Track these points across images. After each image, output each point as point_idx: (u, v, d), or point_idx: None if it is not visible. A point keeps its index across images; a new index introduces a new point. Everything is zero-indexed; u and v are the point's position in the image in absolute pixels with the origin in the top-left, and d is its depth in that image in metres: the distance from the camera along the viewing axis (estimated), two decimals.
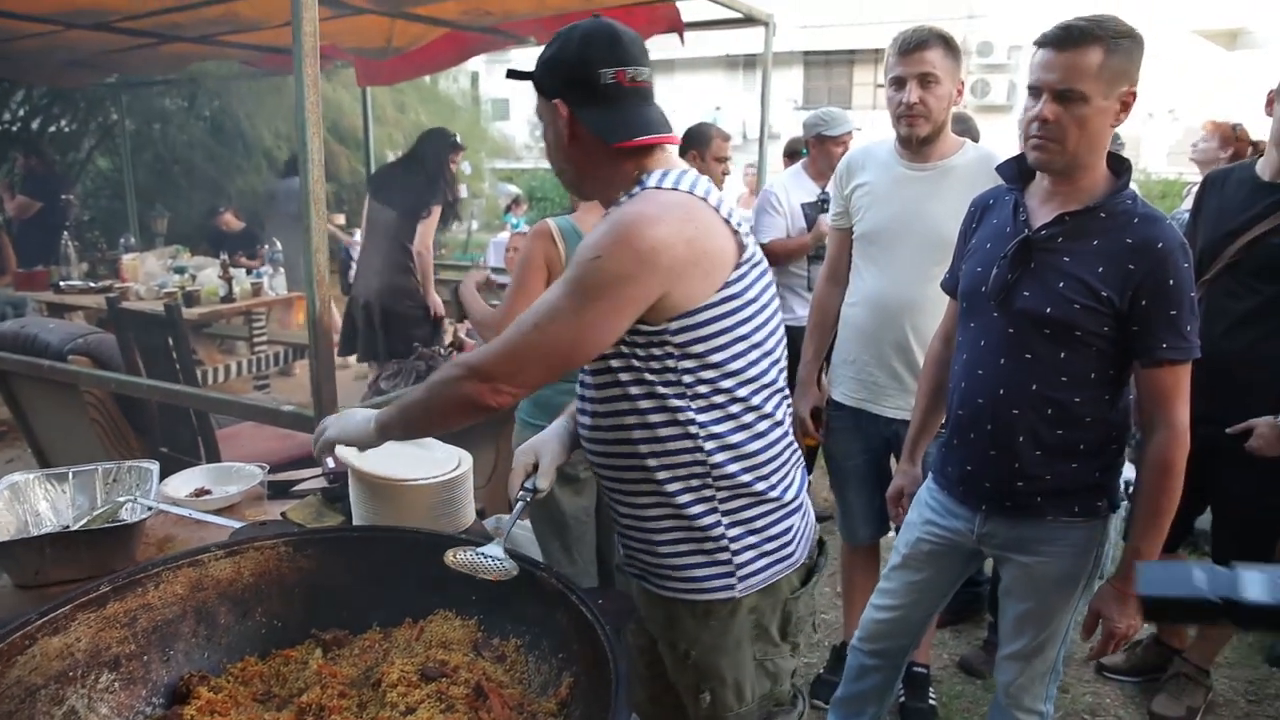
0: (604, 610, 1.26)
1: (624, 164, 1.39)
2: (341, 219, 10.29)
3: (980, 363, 1.78)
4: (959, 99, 2.22)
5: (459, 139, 4.51)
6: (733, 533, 1.41)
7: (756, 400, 1.39)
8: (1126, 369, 1.72)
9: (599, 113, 1.37)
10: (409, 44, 4.97)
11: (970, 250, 1.87)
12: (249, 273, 5.56)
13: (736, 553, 1.42)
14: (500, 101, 19.36)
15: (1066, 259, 1.66)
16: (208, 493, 1.98)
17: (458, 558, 1.38)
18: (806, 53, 18.41)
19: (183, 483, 2.00)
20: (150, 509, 1.68)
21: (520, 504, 1.48)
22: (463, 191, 9.94)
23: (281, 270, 5.79)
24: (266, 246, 6.01)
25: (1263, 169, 2.41)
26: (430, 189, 4.27)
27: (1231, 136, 4.14)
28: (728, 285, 1.33)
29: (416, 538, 1.54)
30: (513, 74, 1.47)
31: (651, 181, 1.36)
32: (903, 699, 2.72)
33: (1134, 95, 1.60)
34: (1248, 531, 2.57)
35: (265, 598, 1.47)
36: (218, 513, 1.87)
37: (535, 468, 1.51)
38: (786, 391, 1.49)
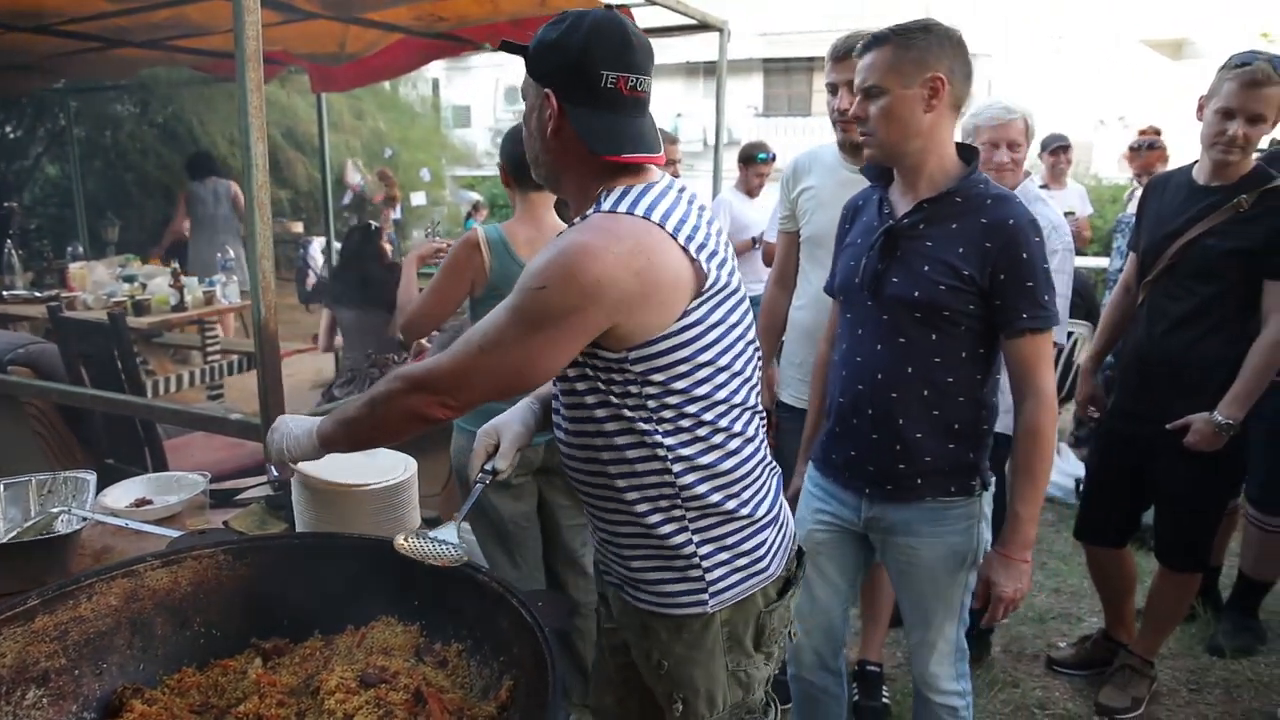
0: (543, 612, 1.26)
1: (600, 175, 1.34)
2: (299, 226, 10.20)
3: (858, 350, 1.84)
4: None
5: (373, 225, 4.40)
6: (704, 550, 1.40)
7: (724, 422, 1.37)
8: (994, 347, 1.80)
9: (591, 116, 1.30)
10: (363, 50, 4.93)
11: (844, 249, 1.96)
12: (201, 281, 5.47)
13: (708, 569, 1.40)
14: (461, 109, 19.30)
15: (929, 244, 1.75)
16: (149, 503, 1.94)
17: (408, 543, 1.36)
18: (766, 60, 18.57)
19: (123, 493, 1.96)
20: (85, 520, 1.64)
21: (479, 485, 1.47)
22: (421, 199, 9.92)
23: (235, 278, 5.71)
24: (220, 255, 5.91)
25: (1198, 173, 2.48)
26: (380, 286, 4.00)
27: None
28: (687, 314, 1.28)
29: (360, 543, 1.52)
30: (506, 46, 1.38)
31: (607, 203, 1.29)
32: (856, 698, 2.75)
33: (941, 80, 1.69)
34: (1188, 527, 2.64)
35: (204, 607, 1.44)
36: (159, 523, 1.84)
37: (496, 449, 1.51)
38: (760, 409, 1.48)
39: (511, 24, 4.43)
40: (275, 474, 1.86)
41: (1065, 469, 4.59)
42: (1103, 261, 6.17)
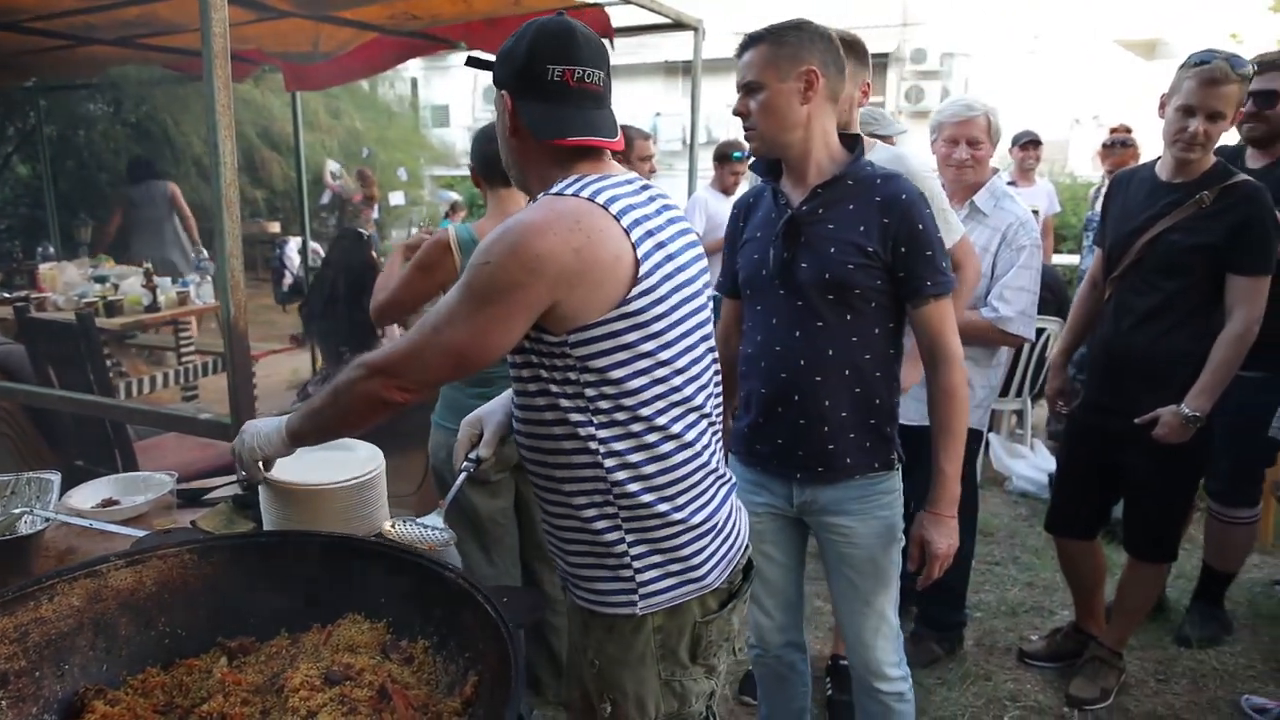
0: (508, 609, 1.26)
1: (558, 164, 1.39)
2: (276, 226, 10.13)
3: (776, 340, 1.88)
4: (864, 100, 2.26)
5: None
6: (636, 550, 1.40)
7: (662, 420, 1.37)
8: (901, 321, 1.89)
9: (539, 107, 1.36)
10: (337, 48, 4.90)
11: (742, 244, 2.01)
12: (175, 281, 5.42)
13: (639, 570, 1.41)
14: (440, 108, 19.18)
15: (831, 226, 1.82)
16: (115, 503, 1.92)
17: (395, 529, 1.40)
18: None
19: (89, 494, 1.94)
20: (48, 520, 1.63)
21: (464, 473, 1.50)
22: (400, 198, 9.87)
23: (209, 279, 5.66)
24: (194, 255, 5.87)
25: (1161, 170, 2.51)
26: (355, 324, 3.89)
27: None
28: (627, 302, 1.31)
29: (326, 541, 1.52)
30: (471, 61, 1.48)
31: (555, 187, 1.35)
32: (830, 693, 2.76)
33: (814, 73, 1.76)
34: (1156, 518, 2.68)
35: (169, 607, 1.43)
36: (125, 523, 1.82)
37: (480, 438, 1.52)
38: (712, 415, 1.48)
39: (485, 23, 4.42)
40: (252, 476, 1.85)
41: (1039, 464, 4.64)
42: (1075, 259, 6.24)
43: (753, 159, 1.94)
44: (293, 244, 8.37)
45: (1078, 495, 2.81)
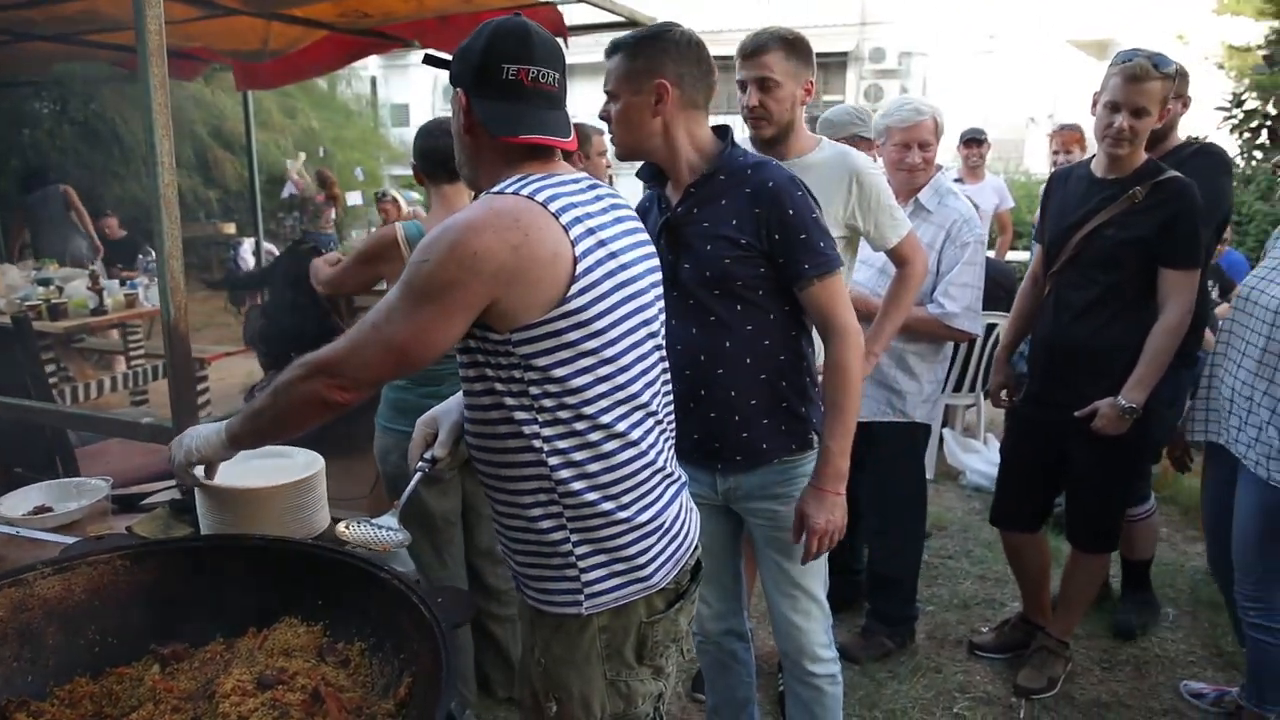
0: (442, 609, 1.26)
1: (508, 162, 1.40)
2: (232, 228, 9.96)
3: (677, 340, 1.89)
4: (808, 98, 2.28)
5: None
6: (580, 550, 1.40)
7: (607, 419, 1.38)
8: (797, 302, 1.89)
9: (493, 105, 1.38)
10: (287, 46, 4.84)
11: None
12: (123, 284, 5.31)
13: (585, 570, 1.41)
14: (400, 107, 18.99)
15: (705, 224, 1.85)
16: (48, 510, 1.88)
17: (350, 530, 1.39)
18: None
19: (19, 500, 1.90)
20: None
21: (418, 473, 1.49)
22: (357, 198, 9.76)
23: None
24: (142, 257, 5.76)
25: (1095, 166, 2.56)
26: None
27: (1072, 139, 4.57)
28: (567, 301, 1.31)
29: (263, 545, 1.50)
30: (429, 60, 1.51)
31: (498, 187, 1.36)
32: (782, 688, 2.78)
33: (665, 86, 1.76)
34: (1097, 510, 2.74)
35: (99, 615, 1.41)
36: (58, 530, 1.79)
37: (435, 438, 1.52)
38: (660, 414, 1.49)
39: (438, 21, 4.38)
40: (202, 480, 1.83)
41: (992, 458, 4.69)
42: (1026, 255, 6.32)
43: (640, 166, 1.96)
44: (247, 245, 8.24)
45: (1021, 488, 2.86)
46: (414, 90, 18.84)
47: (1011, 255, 6.89)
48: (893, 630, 3.07)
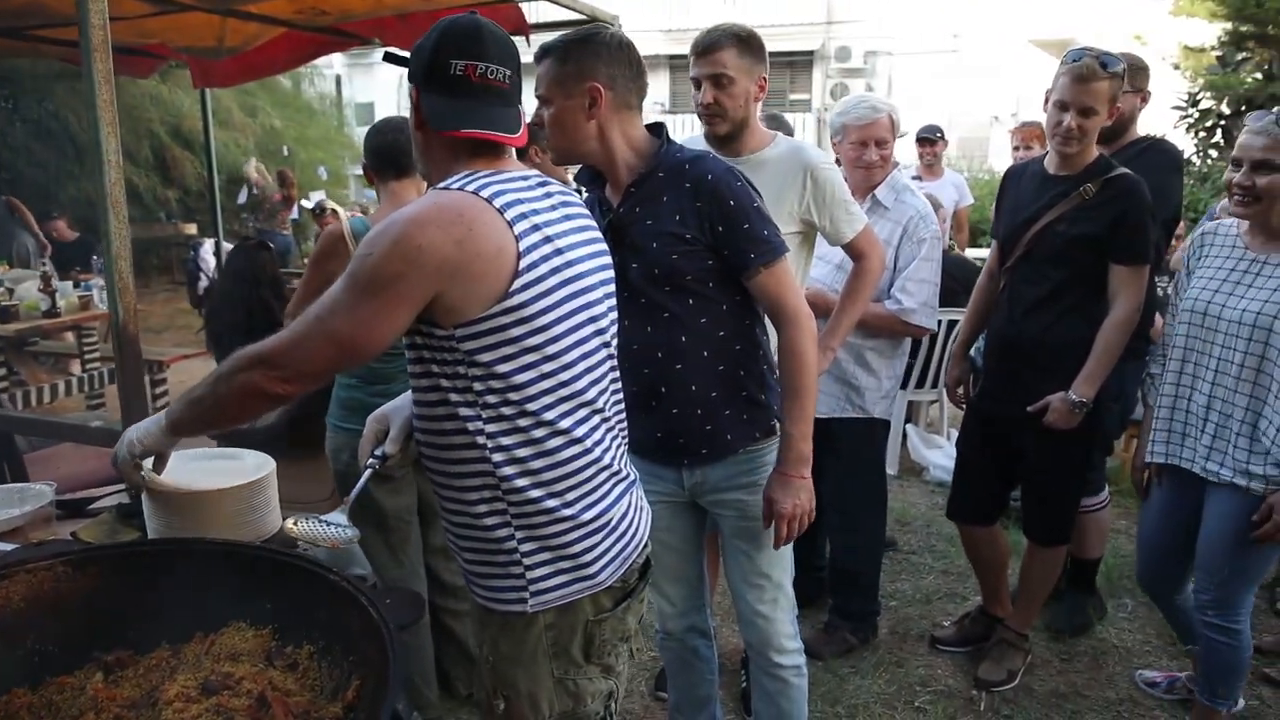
0: (390, 610, 1.25)
1: (456, 158, 1.40)
2: (193, 228, 9.80)
3: (632, 340, 1.89)
4: (761, 94, 2.29)
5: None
6: (525, 547, 1.40)
7: (550, 415, 1.37)
8: (748, 291, 1.89)
9: (441, 101, 1.39)
10: (244, 44, 4.76)
11: None
12: (77, 285, 5.21)
13: (530, 568, 1.40)
14: (365, 105, 18.82)
15: (649, 222, 1.84)
16: None
17: (298, 527, 1.39)
18: (671, 57, 18.65)
19: None
20: None
21: (369, 469, 1.48)
22: (320, 196, 9.65)
23: None
24: (96, 258, 5.65)
25: (1048, 163, 2.60)
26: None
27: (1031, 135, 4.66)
28: (510, 296, 1.31)
29: (209, 548, 1.48)
30: (389, 57, 1.52)
31: (444, 183, 1.36)
32: (745, 684, 2.79)
33: (598, 89, 1.73)
34: (1052, 503, 2.77)
35: (39, 623, 1.38)
36: None
37: (386, 434, 1.51)
38: (607, 412, 1.49)
39: (398, 19, 4.34)
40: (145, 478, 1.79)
41: (955, 454, 4.75)
42: (987, 252, 6.39)
43: (579, 168, 1.95)
44: (207, 246, 8.11)
45: (977, 482, 2.89)
46: (379, 89, 18.66)
47: (972, 252, 6.97)
48: (855, 626, 3.09)
